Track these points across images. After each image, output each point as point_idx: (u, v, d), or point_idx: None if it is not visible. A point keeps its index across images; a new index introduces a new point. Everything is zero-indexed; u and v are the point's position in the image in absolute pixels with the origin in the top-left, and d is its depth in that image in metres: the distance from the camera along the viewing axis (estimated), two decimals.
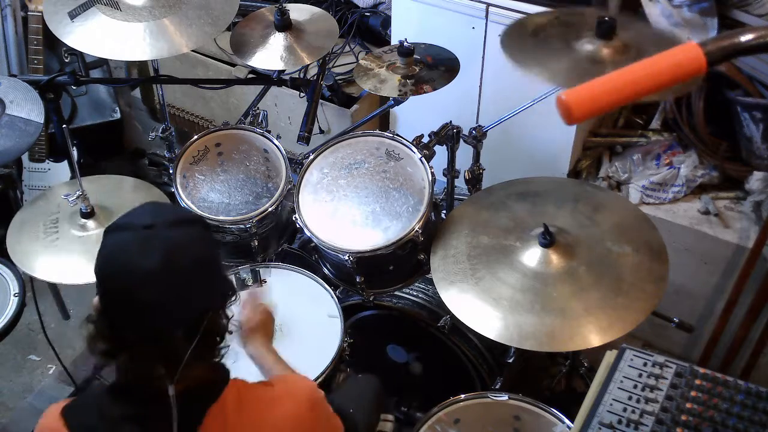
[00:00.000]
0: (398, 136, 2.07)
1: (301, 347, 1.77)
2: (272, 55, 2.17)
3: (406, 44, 2.11)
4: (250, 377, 1.37)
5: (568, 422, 1.75)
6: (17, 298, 2.02)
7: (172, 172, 2.18)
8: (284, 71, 2.39)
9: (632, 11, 2.43)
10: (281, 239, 2.30)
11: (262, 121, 2.33)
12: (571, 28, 1.83)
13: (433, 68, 2.13)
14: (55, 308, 2.74)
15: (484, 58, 2.49)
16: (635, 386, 1.34)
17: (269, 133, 2.24)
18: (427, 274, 2.00)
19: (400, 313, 2.20)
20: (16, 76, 2.50)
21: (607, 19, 1.75)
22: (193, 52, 3.04)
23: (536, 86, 1.89)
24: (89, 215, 2.03)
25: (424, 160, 2.01)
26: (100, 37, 2.01)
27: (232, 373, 1.32)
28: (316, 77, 2.34)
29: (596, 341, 1.66)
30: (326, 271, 2.16)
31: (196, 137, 2.23)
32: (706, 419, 1.27)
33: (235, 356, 1.72)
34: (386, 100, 2.30)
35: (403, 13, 2.60)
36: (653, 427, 1.27)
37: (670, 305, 2.30)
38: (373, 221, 1.99)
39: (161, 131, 2.46)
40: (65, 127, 2.03)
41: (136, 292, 1.16)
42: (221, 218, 2.11)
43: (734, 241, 2.36)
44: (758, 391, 1.30)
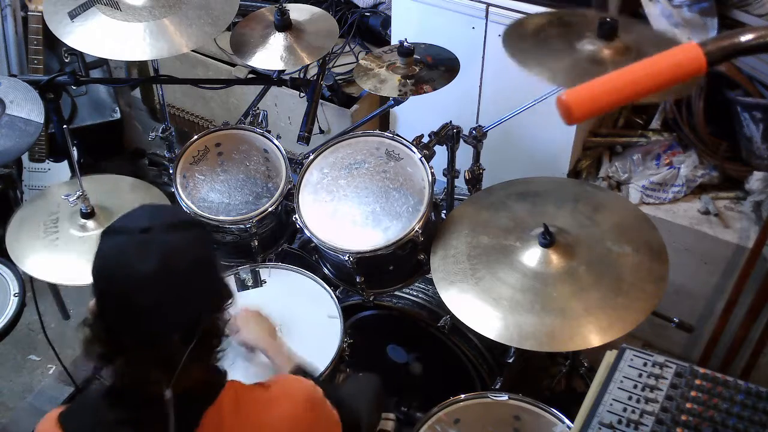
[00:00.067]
0: (398, 136, 2.07)
1: (301, 347, 1.77)
2: (272, 55, 2.17)
3: (406, 44, 2.11)
4: (247, 378, 1.37)
5: (568, 422, 1.75)
6: (17, 298, 2.01)
7: (172, 172, 2.18)
8: (284, 71, 2.39)
9: (632, 12, 2.44)
10: (281, 239, 2.30)
11: (262, 121, 2.33)
12: (572, 28, 1.84)
13: (433, 68, 2.13)
14: (55, 308, 2.74)
15: (484, 58, 2.49)
16: (635, 386, 1.34)
17: (269, 133, 2.24)
18: (427, 274, 2.00)
19: (400, 313, 2.20)
20: (16, 76, 2.50)
21: (608, 20, 1.75)
22: (193, 52, 3.04)
23: (536, 86, 1.89)
24: (89, 215, 2.03)
25: (424, 160, 2.01)
26: (100, 37, 2.01)
27: (229, 374, 1.32)
28: (316, 77, 2.34)
29: (596, 341, 1.66)
30: (326, 271, 2.16)
31: (196, 137, 2.23)
32: (706, 419, 1.27)
33: (233, 358, 1.73)
34: (386, 100, 2.30)
35: (403, 13, 2.60)
36: (653, 427, 1.27)
37: (670, 305, 2.30)
38: (373, 221, 1.99)
39: (161, 131, 2.46)
40: (65, 127, 2.03)
41: (132, 296, 1.16)
42: (221, 218, 2.11)
43: (734, 241, 2.36)
44: (758, 391, 1.30)
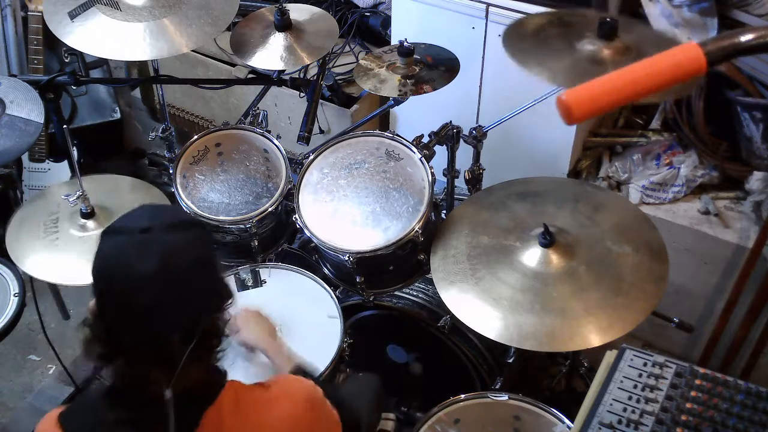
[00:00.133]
0: (398, 136, 2.07)
1: (301, 347, 1.77)
2: (272, 55, 2.17)
3: (406, 44, 2.11)
4: (247, 378, 1.37)
5: (568, 422, 1.75)
6: (17, 298, 2.01)
7: (172, 172, 2.18)
8: (284, 71, 2.39)
9: (632, 12, 2.43)
10: (281, 239, 2.30)
11: (262, 121, 2.33)
12: (572, 28, 1.84)
13: (433, 68, 2.13)
14: (55, 308, 2.74)
15: (484, 58, 2.49)
16: (635, 386, 1.34)
17: (269, 133, 2.24)
18: (427, 274, 2.00)
19: (400, 313, 2.20)
20: (16, 76, 2.50)
21: (609, 20, 1.75)
22: (193, 52, 3.04)
23: (536, 86, 1.89)
24: (89, 215, 2.03)
25: (424, 160, 2.01)
26: (100, 37, 2.01)
27: (229, 374, 1.32)
28: (316, 77, 2.34)
29: (596, 341, 1.66)
30: (326, 271, 2.16)
31: (196, 137, 2.23)
32: (706, 419, 1.27)
33: (233, 358, 1.73)
34: (386, 100, 2.30)
35: (403, 13, 2.60)
36: (653, 427, 1.27)
37: (670, 305, 2.30)
38: (373, 221, 1.99)
39: (161, 131, 2.46)
40: (65, 127, 2.03)
41: (132, 296, 1.16)
42: (221, 218, 2.11)
43: (734, 241, 2.36)
44: (758, 391, 1.30)
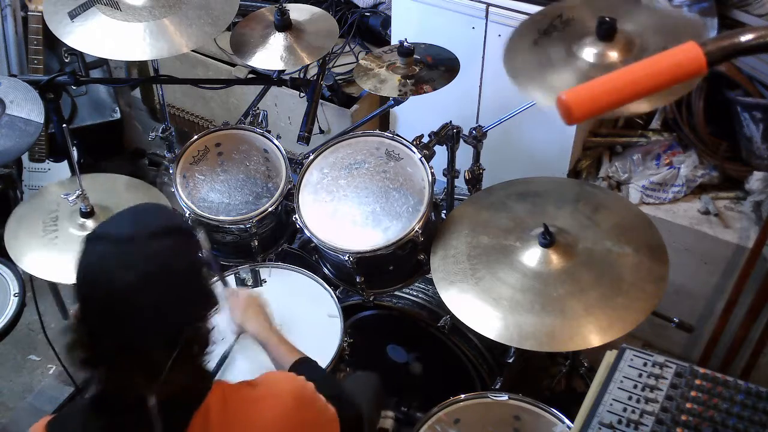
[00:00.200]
0: (398, 136, 2.07)
1: (301, 347, 1.76)
2: (272, 55, 2.17)
3: (406, 44, 2.11)
4: (243, 377, 1.36)
5: (568, 422, 1.75)
6: (17, 298, 2.01)
7: (172, 172, 2.18)
8: (284, 71, 2.39)
9: None
10: (281, 239, 2.30)
11: (262, 121, 2.33)
12: (570, 29, 1.82)
13: (433, 68, 2.13)
14: (55, 308, 2.74)
15: (484, 58, 2.48)
16: (635, 386, 1.34)
17: (269, 133, 2.24)
18: (427, 274, 2.00)
19: (400, 313, 2.20)
20: (16, 76, 2.50)
21: (608, 19, 1.74)
22: (193, 52, 3.04)
23: None
24: (89, 215, 2.03)
25: (424, 160, 2.01)
26: (100, 37, 2.01)
27: (226, 374, 1.31)
28: (316, 77, 2.34)
29: (596, 341, 1.66)
30: (326, 271, 2.16)
31: (196, 137, 2.23)
32: (706, 419, 1.27)
33: (230, 358, 1.73)
34: (386, 100, 2.30)
35: (403, 13, 2.60)
36: (653, 427, 1.27)
37: (670, 305, 2.30)
38: (373, 221, 1.99)
39: (161, 131, 2.46)
40: (65, 127, 2.03)
41: (114, 305, 1.15)
42: (221, 218, 2.11)
43: (734, 241, 2.36)
44: (758, 391, 1.30)
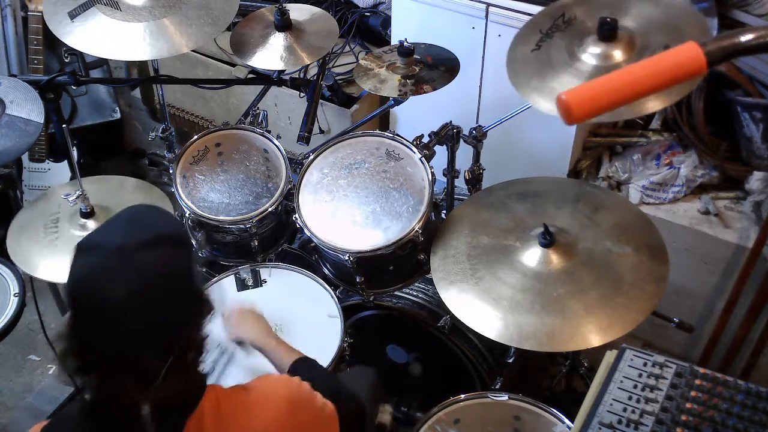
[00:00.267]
0: (398, 136, 2.07)
1: (301, 347, 1.76)
2: (272, 55, 2.17)
3: (406, 44, 2.11)
4: (238, 381, 1.36)
5: (568, 422, 1.75)
6: (17, 298, 2.02)
7: (172, 172, 2.18)
8: (284, 71, 2.39)
9: None
10: (281, 239, 2.30)
11: (262, 121, 2.33)
12: (571, 30, 1.81)
13: (433, 68, 2.12)
14: (55, 308, 2.73)
15: (484, 58, 2.48)
16: (635, 386, 1.34)
17: (269, 133, 2.24)
18: (427, 274, 2.00)
19: (400, 313, 2.20)
20: (16, 76, 2.50)
21: (608, 19, 1.74)
22: (193, 52, 3.04)
23: None
24: (89, 215, 2.04)
25: (424, 160, 2.01)
26: (100, 37, 2.01)
27: (224, 378, 1.30)
28: (316, 77, 2.34)
29: (596, 341, 1.66)
30: (326, 271, 2.16)
31: (196, 137, 2.23)
32: (706, 419, 1.27)
33: (228, 359, 1.74)
34: (386, 100, 2.30)
35: (403, 13, 2.60)
36: (653, 427, 1.27)
37: (670, 305, 2.30)
38: (373, 221, 1.99)
39: (161, 131, 2.46)
40: (65, 127, 2.03)
41: (105, 318, 1.14)
42: (221, 218, 2.11)
43: (734, 241, 2.36)
44: (758, 391, 1.30)
